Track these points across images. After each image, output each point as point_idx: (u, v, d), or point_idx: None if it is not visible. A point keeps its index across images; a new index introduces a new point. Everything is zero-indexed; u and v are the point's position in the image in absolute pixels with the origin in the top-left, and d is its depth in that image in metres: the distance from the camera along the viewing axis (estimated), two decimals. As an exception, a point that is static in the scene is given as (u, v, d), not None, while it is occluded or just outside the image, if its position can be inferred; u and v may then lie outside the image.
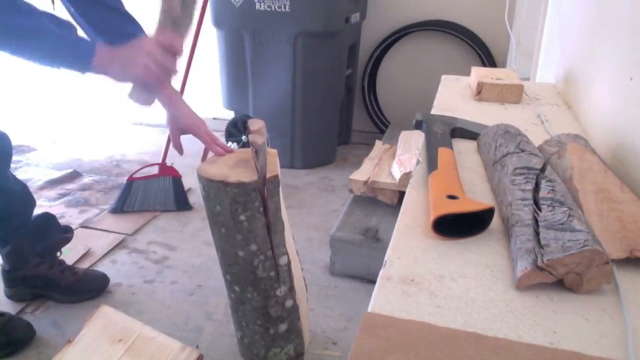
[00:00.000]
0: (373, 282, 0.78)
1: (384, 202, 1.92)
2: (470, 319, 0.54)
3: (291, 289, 1.29)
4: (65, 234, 1.72)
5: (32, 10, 0.98)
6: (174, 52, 1.08)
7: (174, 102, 1.26)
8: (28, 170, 2.76)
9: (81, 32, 1.07)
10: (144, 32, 1.26)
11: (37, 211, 1.69)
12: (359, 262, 1.81)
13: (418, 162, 0.93)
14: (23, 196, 1.62)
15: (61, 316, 1.64)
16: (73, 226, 1.85)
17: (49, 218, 1.68)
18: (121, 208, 2.28)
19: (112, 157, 2.99)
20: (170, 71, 1.09)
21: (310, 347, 1.50)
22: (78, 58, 1.01)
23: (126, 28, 1.23)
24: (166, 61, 1.07)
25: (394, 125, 3.04)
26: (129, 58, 1.04)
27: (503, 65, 2.83)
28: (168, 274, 1.88)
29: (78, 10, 1.20)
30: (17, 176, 1.66)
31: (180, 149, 1.32)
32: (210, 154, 1.29)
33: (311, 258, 1.96)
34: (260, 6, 2.51)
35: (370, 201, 1.96)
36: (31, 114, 3.66)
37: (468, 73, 1.57)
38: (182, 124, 1.27)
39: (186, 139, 1.33)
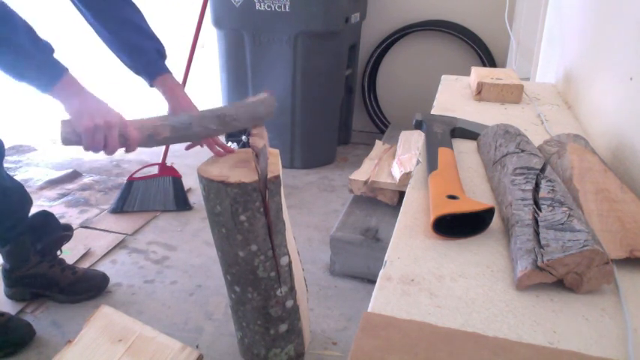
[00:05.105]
0: (373, 282, 0.78)
1: (384, 202, 1.92)
2: (470, 319, 0.54)
3: (292, 290, 1.29)
4: (65, 232, 1.72)
5: (11, 19, 0.97)
6: (126, 143, 1.06)
7: (175, 94, 1.25)
8: (28, 170, 2.76)
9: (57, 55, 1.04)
10: (141, 16, 1.26)
11: (36, 211, 1.68)
12: (359, 262, 1.81)
13: (418, 162, 0.93)
14: (19, 194, 1.61)
15: (61, 316, 1.64)
16: (73, 226, 1.85)
17: (47, 216, 1.68)
18: (121, 208, 2.28)
19: (111, 157, 2.99)
20: (107, 150, 1.05)
21: (310, 347, 1.50)
22: (42, 80, 1.00)
23: (124, 13, 1.23)
24: (113, 142, 1.04)
25: (394, 125, 3.04)
26: (90, 108, 1.02)
27: (503, 65, 2.83)
28: (168, 274, 1.88)
29: None
30: (17, 176, 1.66)
31: None
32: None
33: (311, 258, 1.96)
34: (260, 6, 2.51)
35: (370, 201, 1.96)
36: (31, 114, 3.66)
37: (468, 73, 1.57)
38: None
39: (187, 139, 1.33)
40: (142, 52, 1.24)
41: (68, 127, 1.02)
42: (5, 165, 1.55)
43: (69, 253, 1.91)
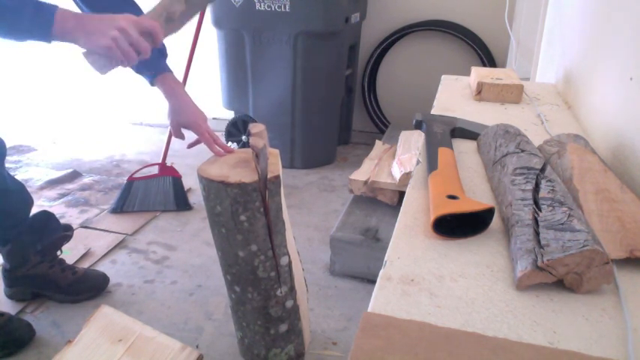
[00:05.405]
0: (373, 282, 0.78)
1: (384, 202, 1.92)
2: (470, 319, 0.54)
3: (292, 290, 1.29)
4: (65, 232, 1.72)
5: None
6: (151, 38, 1.01)
7: (176, 93, 1.26)
8: (28, 170, 2.76)
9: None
10: (143, 15, 1.26)
11: (36, 211, 1.68)
12: (359, 262, 1.81)
13: (418, 162, 0.93)
14: (20, 194, 1.61)
15: (61, 316, 1.64)
16: (73, 227, 1.85)
17: (47, 216, 1.68)
18: (121, 208, 2.28)
19: (112, 157, 2.99)
20: (140, 52, 1.00)
21: (310, 347, 1.50)
22: (37, 28, 0.94)
23: (123, 12, 1.23)
24: (139, 42, 0.98)
25: (394, 125, 3.04)
26: (98, 26, 0.96)
27: (503, 65, 2.83)
28: (168, 274, 1.88)
29: None
30: (17, 176, 1.66)
31: (181, 136, 1.32)
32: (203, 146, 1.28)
33: (311, 258, 1.96)
34: (260, 6, 2.51)
35: (370, 201, 1.96)
36: (31, 114, 3.66)
37: (468, 73, 1.57)
38: (183, 118, 1.27)
39: (187, 138, 1.33)
40: None
41: (93, 56, 0.97)
42: (6, 165, 1.55)
43: (69, 253, 1.91)
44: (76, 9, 1.24)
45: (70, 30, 0.96)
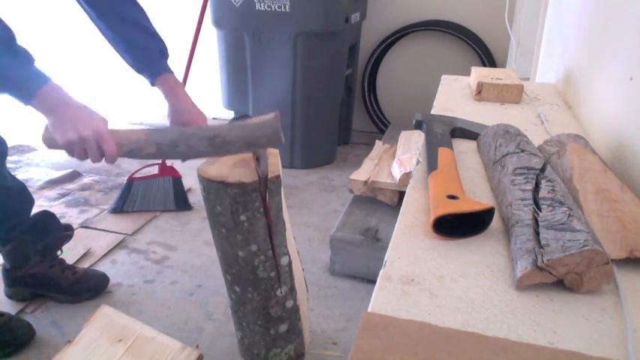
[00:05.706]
0: (373, 282, 0.78)
1: (384, 202, 1.92)
2: (470, 319, 0.54)
3: (292, 290, 1.29)
4: (65, 232, 1.72)
5: None
6: (108, 156, 1.02)
7: (176, 93, 1.26)
8: (29, 170, 2.76)
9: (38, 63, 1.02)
10: (145, 15, 1.26)
11: (37, 211, 1.69)
12: (359, 262, 1.81)
13: (418, 162, 0.93)
14: (21, 194, 1.61)
15: (61, 316, 1.64)
16: (73, 227, 1.85)
17: (48, 216, 1.68)
18: (121, 208, 2.28)
19: (112, 157, 2.99)
20: (91, 160, 1.02)
21: (310, 347, 1.50)
22: (19, 92, 0.99)
23: (128, 13, 1.23)
24: (93, 154, 1.01)
25: (394, 125, 3.04)
26: (66, 122, 1.00)
27: (503, 65, 2.83)
28: (168, 274, 1.88)
29: None
30: (17, 176, 1.66)
31: None
32: None
33: (311, 258, 1.96)
34: (260, 6, 2.51)
35: (370, 201, 1.96)
36: (32, 114, 3.65)
37: (468, 73, 1.57)
38: (183, 118, 1.27)
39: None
40: (144, 51, 1.24)
41: (50, 133, 1.01)
42: (6, 165, 1.55)
43: (69, 253, 1.91)
44: (77, 8, 1.24)
45: (46, 109, 1.01)
